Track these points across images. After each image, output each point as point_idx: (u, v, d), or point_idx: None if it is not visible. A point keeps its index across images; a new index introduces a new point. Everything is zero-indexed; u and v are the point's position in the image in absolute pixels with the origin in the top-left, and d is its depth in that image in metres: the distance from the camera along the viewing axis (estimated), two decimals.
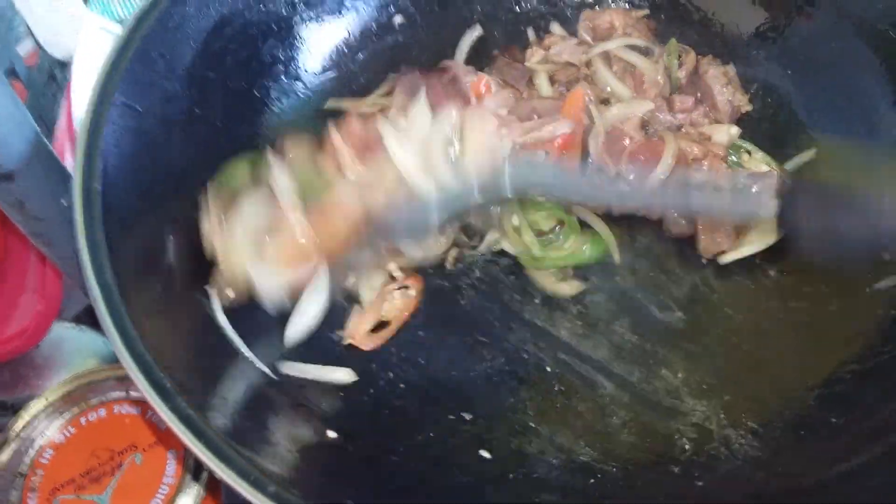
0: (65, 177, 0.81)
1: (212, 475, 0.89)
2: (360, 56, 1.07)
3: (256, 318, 0.85)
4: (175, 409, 0.59)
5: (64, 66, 0.92)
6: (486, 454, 0.79)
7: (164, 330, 0.71)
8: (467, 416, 0.82)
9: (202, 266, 0.84)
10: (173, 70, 0.88)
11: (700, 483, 0.76)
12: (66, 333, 1.19)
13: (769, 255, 0.92)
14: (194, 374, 0.70)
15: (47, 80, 0.86)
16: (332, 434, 0.76)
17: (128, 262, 0.71)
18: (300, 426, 0.76)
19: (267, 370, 0.80)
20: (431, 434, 0.80)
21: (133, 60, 0.82)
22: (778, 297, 0.90)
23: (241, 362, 0.79)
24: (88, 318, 1.22)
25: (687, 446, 0.80)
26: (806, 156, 0.97)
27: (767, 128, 1.01)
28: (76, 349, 1.20)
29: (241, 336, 0.81)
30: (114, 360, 1.16)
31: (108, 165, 0.74)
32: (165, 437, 0.94)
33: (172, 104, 0.87)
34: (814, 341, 0.86)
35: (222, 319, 0.81)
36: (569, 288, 0.92)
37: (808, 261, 0.90)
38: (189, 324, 0.78)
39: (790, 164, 0.97)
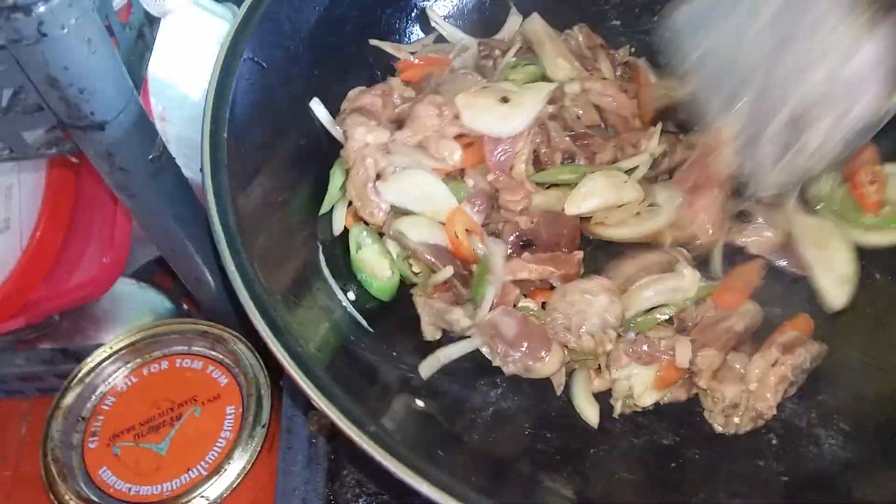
0: (152, 132, 0.84)
1: (270, 431, 0.92)
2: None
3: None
4: (287, 347, 0.63)
5: (152, 24, 0.95)
6: None
7: (276, 274, 0.74)
8: (558, 392, 0.83)
9: (312, 219, 0.89)
10: (298, 31, 0.92)
11: (785, 479, 0.75)
12: (125, 289, 1.24)
13: (876, 257, 0.90)
14: (301, 320, 0.73)
15: (136, 38, 0.88)
16: (420, 402, 0.78)
17: (248, 208, 0.75)
18: (390, 377, 0.79)
19: (365, 324, 0.84)
20: (511, 404, 0.82)
21: (262, 19, 0.86)
22: (883, 302, 0.87)
23: (342, 313, 0.83)
24: (148, 275, 1.27)
25: (774, 441, 0.79)
26: None
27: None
28: (135, 305, 1.25)
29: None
30: (169, 317, 1.21)
31: (235, 115, 0.78)
32: (226, 392, 0.98)
33: (294, 63, 0.91)
34: None
35: (327, 273, 0.85)
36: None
37: None
38: (298, 273, 0.81)
39: None
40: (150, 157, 0.83)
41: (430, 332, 0.85)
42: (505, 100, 0.89)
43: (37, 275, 1.09)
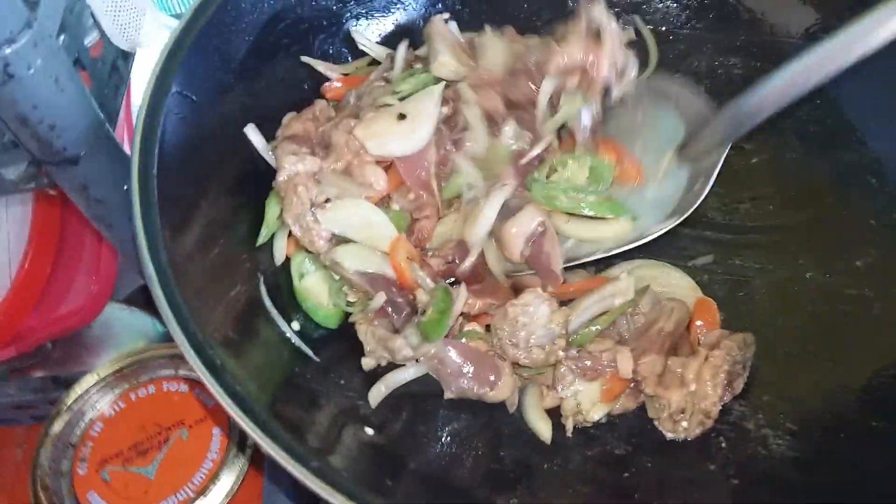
0: (126, 163, 0.83)
1: (256, 452, 0.92)
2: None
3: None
4: (224, 386, 0.62)
5: (127, 57, 0.95)
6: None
7: (214, 310, 0.73)
8: (510, 410, 0.84)
9: (252, 250, 0.88)
10: (228, 62, 0.91)
11: (736, 481, 0.76)
12: (116, 314, 1.24)
13: (813, 255, 0.91)
14: (242, 355, 0.72)
15: (110, 71, 0.89)
16: (369, 431, 0.78)
17: (182, 244, 0.74)
18: (337, 406, 0.78)
19: (311, 353, 0.83)
20: (464, 425, 0.82)
21: (190, 52, 0.85)
22: (821, 299, 0.89)
23: (286, 344, 0.82)
24: (138, 300, 1.27)
25: (723, 444, 0.80)
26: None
27: (816, 130, 1.00)
28: (126, 329, 1.25)
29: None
30: (161, 341, 1.21)
31: (165, 151, 0.77)
32: (212, 414, 0.98)
33: (226, 95, 0.90)
34: (855, 344, 0.85)
35: (269, 304, 0.84)
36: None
37: (853, 264, 0.89)
38: (238, 306, 0.80)
39: None
40: (126, 187, 0.82)
41: (368, 363, 0.84)
42: (402, 117, 0.87)
43: (26, 306, 1.10)
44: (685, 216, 0.90)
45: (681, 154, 0.94)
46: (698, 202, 0.90)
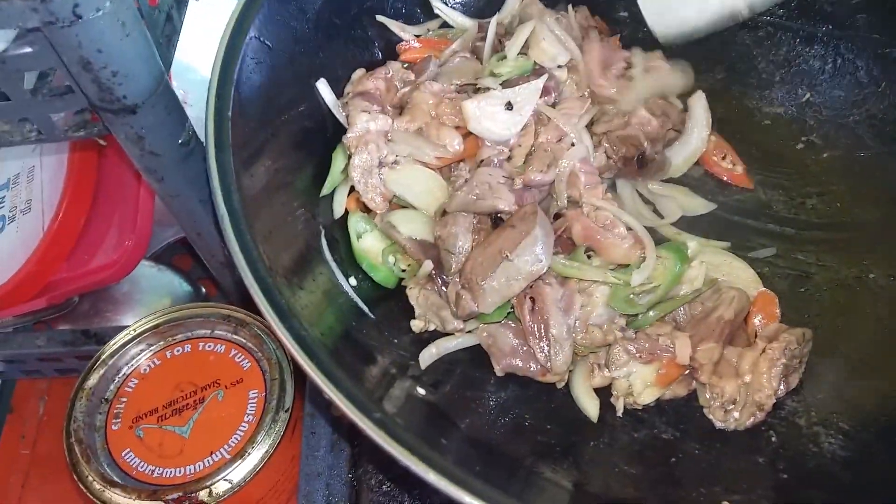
0: (182, 116, 0.84)
1: (292, 416, 0.92)
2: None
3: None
4: (291, 329, 0.62)
5: (181, 8, 0.94)
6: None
7: (279, 256, 0.73)
8: (560, 386, 0.83)
9: (313, 202, 0.88)
10: (304, 13, 0.91)
11: (784, 476, 0.75)
12: (144, 271, 1.24)
13: (879, 257, 0.90)
14: (304, 302, 0.72)
15: (165, 20, 0.88)
16: (420, 390, 0.77)
17: (251, 188, 0.74)
18: (391, 364, 0.78)
19: (366, 310, 0.83)
20: (512, 395, 0.81)
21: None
22: (883, 302, 0.87)
23: (344, 298, 0.82)
24: (165, 258, 1.28)
25: (774, 438, 0.79)
26: None
27: (890, 130, 0.97)
28: (153, 287, 1.26)
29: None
30: (186, 300, 1.21)
31: (240, 94, 0.77)
32: (248, 377, 0.97)
33: (300, 45, 0.90)
34: None
35: (329, 257, 0.84)
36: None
37: None
38: (300, 255, 0.80)
39: None
40: (180, 141, 0.84)
41: (417, 325, 0.84)
42: (510, 106, 0.86)
43: (58, 256, 1.10)
44: None
45: None
46: None
